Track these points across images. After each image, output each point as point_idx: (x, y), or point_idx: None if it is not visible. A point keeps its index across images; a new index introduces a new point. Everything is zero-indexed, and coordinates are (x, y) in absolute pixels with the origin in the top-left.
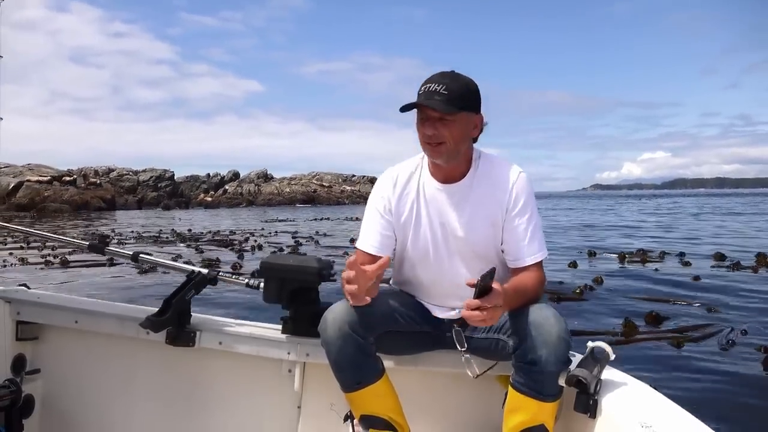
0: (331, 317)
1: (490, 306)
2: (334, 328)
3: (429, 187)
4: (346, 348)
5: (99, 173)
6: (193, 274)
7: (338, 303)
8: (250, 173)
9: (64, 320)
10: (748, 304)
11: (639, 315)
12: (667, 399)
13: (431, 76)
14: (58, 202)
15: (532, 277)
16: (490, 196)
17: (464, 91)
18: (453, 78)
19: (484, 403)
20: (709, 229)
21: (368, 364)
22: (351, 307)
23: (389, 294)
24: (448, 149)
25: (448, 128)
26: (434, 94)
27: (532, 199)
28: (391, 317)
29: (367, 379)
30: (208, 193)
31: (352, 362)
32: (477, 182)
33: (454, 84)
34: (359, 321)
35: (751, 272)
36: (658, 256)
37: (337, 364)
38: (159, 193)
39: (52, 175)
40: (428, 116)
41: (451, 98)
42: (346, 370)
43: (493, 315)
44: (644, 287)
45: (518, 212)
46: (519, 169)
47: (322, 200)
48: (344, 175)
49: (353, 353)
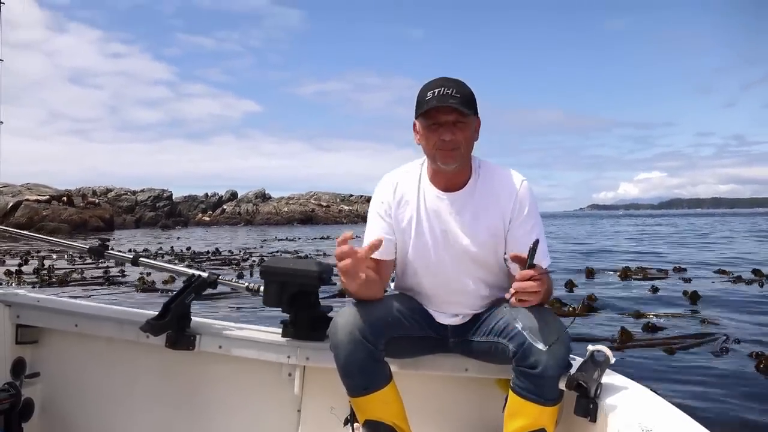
0: (341, 322)
1: (541, 275)
2: (345, 332)
3: (430, 195)
4: (356, 354)
5: (97, 193)
6: (193, 277)
7: (348, 307)
8: (248, 193)
9: (63, 324)
10: (742, 316)
11: (635, 326)
12: (667, 402)
13: (432, 81)
14: (57, 222)
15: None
16: (493, 204)
17: (471, 94)
18: (457, 82)
19: (484, 407)
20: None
21: (377, 370)
22: (362, 312)
23: (395, 298)
24: (462, 154)
25: (463, 132)
26: (449, 97)
27: (536, 207)
28: (399, 322)
29: (374, 385)
30: (206, 212)
31: (361, 368)
32: (479, 190)
33: (462, 87)
34: (370, 327)
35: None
36: (657, 272)
37: (345, 369)
38: (157, 213)
39: (51, 194)
40: (442, 121)
41: (464, 101)
42: (354, 376)
43: (541, 288)
44: (642, 301)
45: (524, 220)
46: (521, 177)
47: (319, 220)
48: (342, 194)
49: (363, 359)
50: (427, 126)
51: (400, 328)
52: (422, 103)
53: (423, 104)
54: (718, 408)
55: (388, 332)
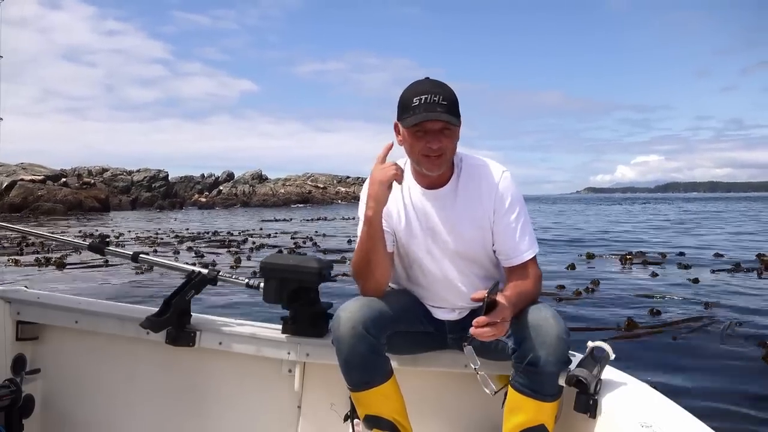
0: (345, 316)
1: (499, 321)
2: (348, 326)
3: (414, 193)
4: (358, 347)
5: (92, 173)
6: (193, 274)
7: (351, 301)
8: (244, 174)
9: (64, 320)
10: (744, 301)
11: (639, 313)
12: (667, 399)
13: (417, 84)
14: (52, 202)
15: (530, 275)
16: (476, 199)
17: (456, 99)
18: (443, 86)
19: (483, 403)
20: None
21: (378, 365)
22: (365, 307)
23: (396, 293)
24: (447, 160)
25: (449, 139)
26: (436, 105)
27: (519, 196)
28: (400, 317)
29: (375, 380)
30: (203, 193)
31: (363, 362)
32: (461, 186)
33: (447, 93)
34: (373, 321)
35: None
36: (659, 257)
37: (347, 363)
38: (153, 194)
39: (46, 174)
40: (429, 129)
41: (451, 108)
42: (355, 370)
43: (501, 329)
44: (643, 287)
45: (506, 212)
46: (502, 168)
47: (316, 201)
48: (339, 176)
49: (365, 353)
50: (413, 133)
51: (402, 322)
52: (408, 109)
53: (409, 110)
54: (719, 401)
55: (391, 326)
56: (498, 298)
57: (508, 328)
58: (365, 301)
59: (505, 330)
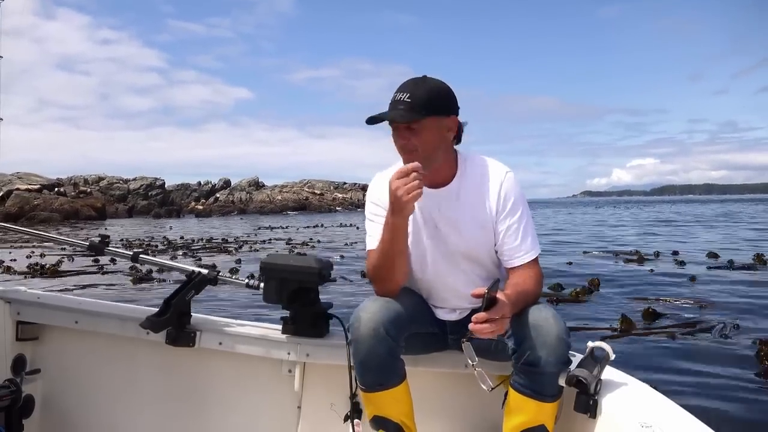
0: (366, 316)
1: (498, 317)
2: (369, 327)
3: None
4: (377, 349)
5: (89, 182)
6: (193, 274)
7: (371, 301)
8: (241, 181)
9: (64, 320)
10: (738, 300)
11: (635, 313)
12: (667, 399)
13: (402, 84)
14: (48, 211)
15: (531, 275)
16: (479, 198)
17: (430, 96)
18: (418, 84)
19: (484, 404)
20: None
21: (394, 367)
22: (384, 308)
23: (408, 294)
24: (422, 155)
25: (416, 136)
26: (398, 104)
27: (522, 198)
28: (415, 318)
29: (389, 382)
30: (199, 201)
31: (380, 364)
32: (464, 185)
33: (418, 90)
34: (392, 323)
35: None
36: (653, 255)
37: (364, 363)
38: (149, 202)
39: (42, 183)
40: (397, 126)
41: (414, 106)
42: (371, 371)
43: (501, 326)
44: (640, 287)
45: (508, 212)
46: (506, 169)
47: (313, 208)
48: (336, 182)
49: (383, 355)
50: (392, 130)
51: (417, 323)
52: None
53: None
54: (718, 400)
55: (407, 328)
56: (498, 295)
57: (508, 328)
58: (383, 303)
59: (504, 327)
